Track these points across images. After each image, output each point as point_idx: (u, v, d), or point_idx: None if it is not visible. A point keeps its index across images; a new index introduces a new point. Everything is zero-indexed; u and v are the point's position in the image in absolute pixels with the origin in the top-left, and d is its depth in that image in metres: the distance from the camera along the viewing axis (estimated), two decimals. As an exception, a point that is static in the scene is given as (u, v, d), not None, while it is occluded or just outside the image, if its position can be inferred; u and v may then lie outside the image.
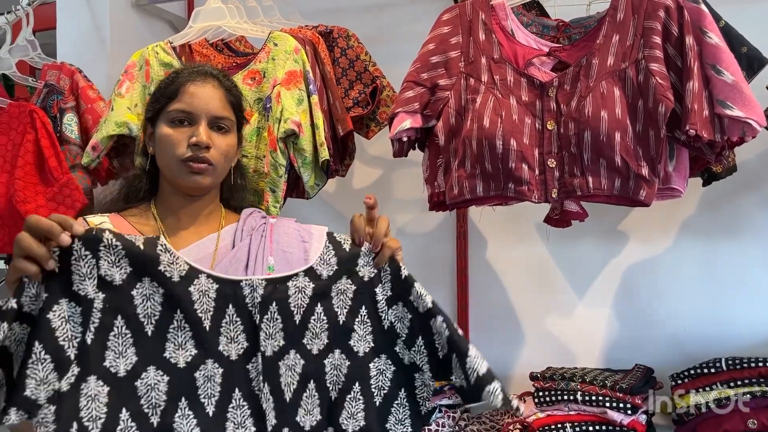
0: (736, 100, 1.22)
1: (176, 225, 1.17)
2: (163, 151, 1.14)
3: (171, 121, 1.14)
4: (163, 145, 1.14)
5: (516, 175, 1.33)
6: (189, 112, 1.14)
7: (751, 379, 1.47)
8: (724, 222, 1.72)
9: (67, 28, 2.09)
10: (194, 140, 1.12)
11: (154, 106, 1.17)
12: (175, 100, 1.14)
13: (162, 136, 1.14)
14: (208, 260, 1.13)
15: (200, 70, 1.18)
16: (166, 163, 1.15)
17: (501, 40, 1.40)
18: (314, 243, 1.18)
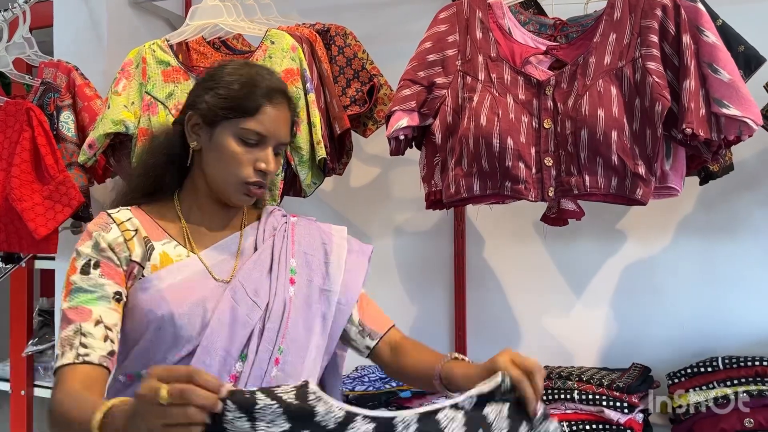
0: (732, 99, 1.22)
1: (199, 223, 1.13)
2: (224, 164, 1.07)
3: (241, 139, 1.06)
4: (227, 159, 1.07)
5: (513, 174, 1.33)
6: (263, 136, 1.07)
7: (747, 378, 1.47)
8: (722, 221, 1.72)
9: (64, 25, 2.09)
10: (263, 167, 1.08)
11: (223, 113, 1.06)
12: (251, 117, 1.06)
13: (227, 149, 1.06)
14: (231, 261, 1.11)
15: (279, 88, 1.10)
16: (222, 177, 1.08)
17: (498, 39, 1.40)
18: (334, 247, 1.18)
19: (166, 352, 1.04)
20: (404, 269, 2.03)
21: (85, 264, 1.05)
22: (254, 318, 1.06)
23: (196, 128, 1.10)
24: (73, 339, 0.99)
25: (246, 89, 1.07)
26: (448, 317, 1.96)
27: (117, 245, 1.07)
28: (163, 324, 1.03)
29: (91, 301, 1.02)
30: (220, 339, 1.04)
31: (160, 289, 1.05)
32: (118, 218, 1.09)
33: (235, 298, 1.06)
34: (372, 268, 2.10)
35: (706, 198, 1.72)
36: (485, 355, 2.01)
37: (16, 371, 2.24)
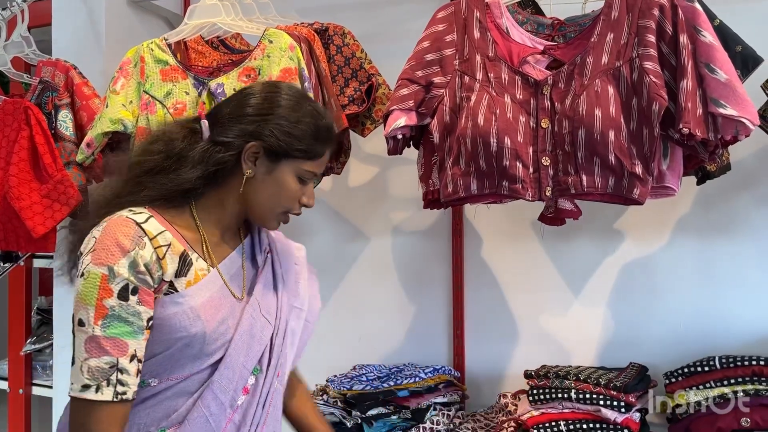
0: (729, 99, 1.22)
1: (212, 233, 1.12)
2: (277, 197, 1.11)
3: (299, 177, 1.11)
4: (280, 192, 1.10)
5: (510, 173, 1.33)
6: (316, 175, 1.15)
7: (744, 377, 1.48)
8: (719, 220, 1.73)
9: (63, 24, 2.09)
10: (306, 201, 1.13)
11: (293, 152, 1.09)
12: (313, 161, 1.12)
13: (286, 185, 1.10)
14: (239, 276, 1.14)
15: (333, 136, 1.16)
16: (270, 207, 1.11)
17: (496, 38, 1.40)
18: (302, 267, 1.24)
19: (185, 366, 1.05)
20: (402, 268, 2.04)
21: (123, 288, 0.98)
22: (267, 335, 1.12)
23: (253, 156, 1.09)
24: (109, 373, 0.97)
25: (316, 134, 1.11)
26: (446, 316, 1.97)
27: (152, 264, 1.01)
28: (194, 341, 1.04)
29: (128, 334, 0.99)
30: (240, 355, 1.08)
31: (193, 307, 1.03)
32: (149, 231, 1.03)
33: (254, 316, 1.11)
34: (370, 267, 2.11)
35: (704, 197, 1.73)
36: (483, 354, 2.02)
37: (14, 370, 2.24)
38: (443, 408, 1.74)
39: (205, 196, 1.11)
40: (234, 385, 1.07)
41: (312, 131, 1.10)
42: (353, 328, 2.06)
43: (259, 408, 1.10)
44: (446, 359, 1.96)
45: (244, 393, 1.09)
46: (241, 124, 1.09)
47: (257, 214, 1.12)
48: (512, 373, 1.88)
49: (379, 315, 2.03)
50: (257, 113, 1.10)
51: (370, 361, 1.99)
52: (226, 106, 1.13)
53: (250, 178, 1.09)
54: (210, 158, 1.08)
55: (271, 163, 1.09)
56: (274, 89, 1.13)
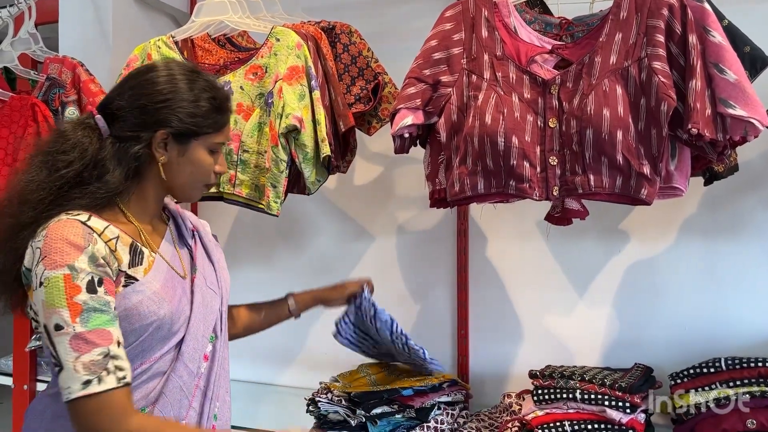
0: (738, 99, 1.21)
1: (145, 222, 1.17)
2: (194, 174, 1.17)
3: (210, 150, 1.17)
4: (197, 169, 1.16)
5: (517, 173, 1.33)
6: (224, 144, 1.21)
7: (750, 379, 1.47)
8: (726, 222, 1.72)
9: (70, 21, 2.09)
10: (219, 170, 1.20)
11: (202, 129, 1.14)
12: (219, 132, 1.17)
13: (200, 161, 1.16)
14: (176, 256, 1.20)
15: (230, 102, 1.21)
16: (190, 184, 1.18)
17: (504, 37, 1.40)
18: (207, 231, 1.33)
19: (159, 346, 1.12)
20: (407, 267, 2.03)
21: (90, 282, 1.01)
22: (216, 304, 1.23)
23: (163, 143, 1.13)
24: (105, 363, 0.99)
25: (219, 106, 1.16)
26: (451, 316, 1.96)
27: (108, 256, 1.05)
28: (163, 323, 1.10)
29: (108, 322, 1.02)
30: (200, 327, 1.17)
31: (155, 291, 1.09)
32: (96, 228, 1.05)
33: (203, 291, 1.20)
34: (375, 266, 2.11)
35: (710, 198, 1.72)
36: (488, 354, 2.02)
37: (18, 366, 2.24)
38: (447, 407, 1.73)
39: (127, 191, 1.14)
40: (198, 353, 1.16)
41: (213, 106, 1.15)
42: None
43: (217, 372, 1.20)
44: (450, 358, 1.95)
45: (205, 360, 1.18)
46: (143, 116, 1.11)
47: (179, 193, 1.19)
48: (516, 373, 1.88)
49: (383, 314, 2.03)
50: (156, 101, 1.11)
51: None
52: (119, 99, 1.12)
53: (164, 164, 1.14)
54: (125, 156, 1.10)
55: (181, 145, 1.14)
56: (161, 72, 1.13)
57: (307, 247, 2.14)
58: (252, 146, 1.58)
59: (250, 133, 1.59)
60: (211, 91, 1.15)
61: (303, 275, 2.13)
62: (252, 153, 1.58)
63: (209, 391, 1.18)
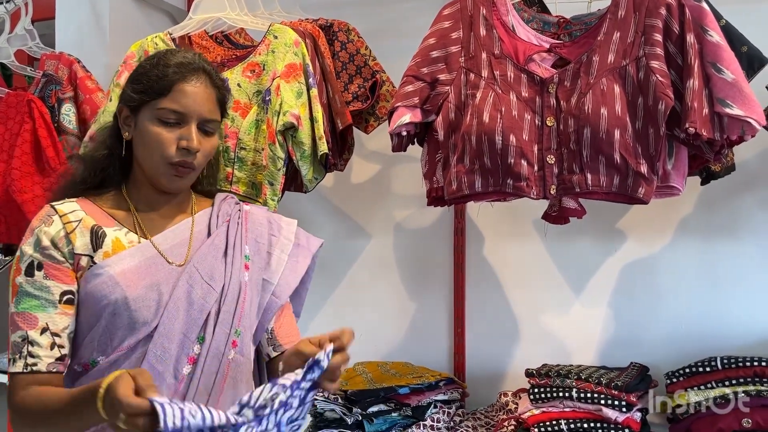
0: (736, 99, 1.22)
1: (149, 210, 1.14)
2: (149, 148, 1.08)
3: (160, 120, 1.07)
4: (149, 142, 1.08)
5: (515, 171, 1.33)
6: (181, 114, 1.08)
7: (746, 378, 1.48)
8: (722, 221, 1.73)
9: (67, 18, 2.08)
10: (185, 144, 1.07)
11: (140, 97, 1.08)
12: (165, 97, 1.07)
13: (149, 133, 1.07)
14: (185, 245, 1.12)
15: (193, 66, 1.10)
16: (150, 161, 1.09)
17: (502, 36, 1.40)
18: (282, 239, 1.20)
19: (123, 337, 1.04)
20: (404, 266, 2.03)
21: (29, 266, 1.04)
22: (210, 301, 1.08)
23: (127, 120, 1.11)
24: (21, 347, 1.02)
25: (159, 71, 1.08)
26: (448, 314, 1.96)
27: (59, 239, 1.05)
28: (117, 308, 1.04)
29: (36, 307, 1.03)
30: (177, 322, 1.05)
31: (112, 275, 1.04)
32: (61, 210, 1.08)
33: (191, 282, 1.08)
34: (372, 265, 2.10)
35: (707, 198, 1.72)
36: (484, 352, 2.02)
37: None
38: (444, 406, 1.74)
39: (129, 177, 1.15)
40: (174, 354, 1.04)
41: (153, 68, 1.09)
42: (354, 325, 2.00)
43: (208, 377, 1.06)
44: (447, 357, 1.96)
45: (190, 362, 1.06)
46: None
47: (149, 174, 1.11)
48: (513, 372, 1.88)
49: (380, 312, 2.03)
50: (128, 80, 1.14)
51: (371, 357, 1.99)
52: None
53: (129, 141, 1.11)
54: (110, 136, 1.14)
55: (135, 116, 1.10)
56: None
57: (304, 245, 2.14)
58: (249, 144, 1.58)
59: (247, 131, 1.58)
60: (160, 56, 1.10)
61: (300, 273, 2.12)
62: (249, 150, 1.58)
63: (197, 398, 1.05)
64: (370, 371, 1.85)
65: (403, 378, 1.76)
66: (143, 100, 1.08)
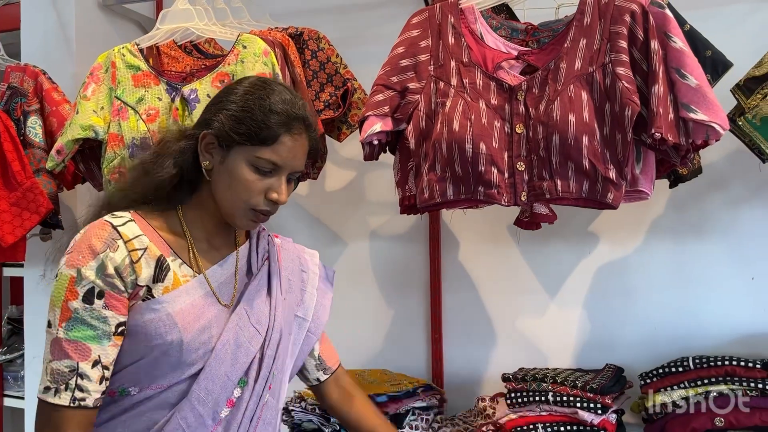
0: (700, 104, 1.23)
1: (201, 238, 1.10)
2: (236, 189, 1.04)
3: (255, 167, 1.03)
4: (238, 184, 1.03)
5: (485, 179, 1.33)
6: (278, 166, 1.04)
7: (717, 377, 1.50)
8: (692, 222, 1.75)
9: (32, 28, 2.05)
10: (275, 197, 1.05)
11: (240, 138, 1.03)
12: (267, 147, 1.03)
13: (241, 175, 1.03)
14: (231, 283, 1.10)
15: (300, 117, 1.06)
16: (231, 200, 1.05)
17: (470, 44, 1.41)
18: (310, 275, 1.22)
19: (165, 375, 1.02)
20: (380, 273, 2.03)
21: (89, 292, 0.97)
22: (256, 345, 1.08)
23: (209, 147, 1.06)
24: (68, 377, 0.96)
25: (265, 116, 1.03)
26: (424, 320, 1.97)
27: (124, 268, 0.99)
28: (170, 349, 1.01)
29: (91, 338, 0.97)
30: (223, 365, 1.04)
31: (170, 314, 1.01)
32: (125, 234, 1.01)
33: (240, 325, 1.07)
34: (348, 272, 2.09)
35: (677, 200, 1.75)
36: (462, 358, 2.02)
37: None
38: (422, 412, 1.73)
39: (191, 201, 1.10)
40: (215, 396, 1.03)
41: (262, 114, 1.03)
42: (331, 333, 2.04)
43: (245, 421, 1.06)
44: (425, 363, 1.96)
45: (229, 405, 1.05)
46: (202, 115, 1.09)
47: (224, 210, 1.07)
48: (490, 377, 1.89)
49: (357, 320, 2.03)
50: (213, 102, 1.09)
51: (349, 366, 1.98)
52: None
53: (209, 170, 1.06)
54: (180, 153, 1.07)
55: (223, 151, 1.05)
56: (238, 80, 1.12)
57: (280, 254, 2.12)
58: (220, 155, 1.56)
59: (217, 142, 1.57)
60: (266, 100, 1.04)
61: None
62: (220, 161, 1.57)
63: None
64: (348, 380, 1.84)
65: (381, 386, 1.76)
66: (241, 141, 1.03)
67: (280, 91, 1.07)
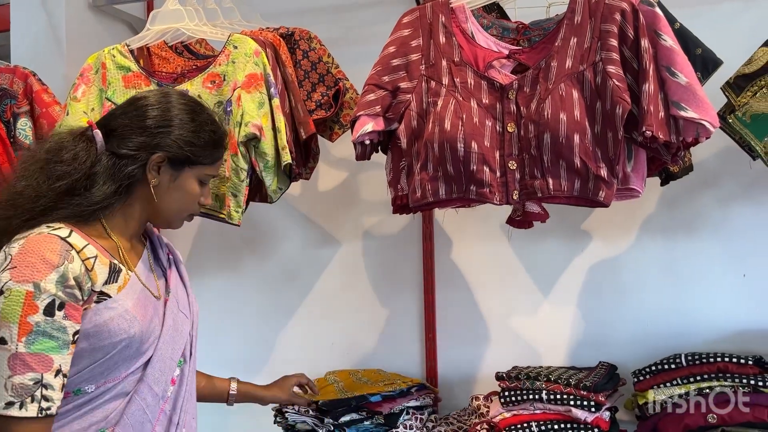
0: (690, 102, 1.24)
1: (124, 240, 1.16)
2: (182, 201, 1.18)
3: (200, 182, 1.19)
4: (185, 196, 1.18)
5: (477, 178, 1.33)
6: (214, 177, 1.25)
7: (710, 374, 1.51)
8: (683, 220, 1.76)
9: (22, 29, 2.04)
10: (204, 201, 1.22)
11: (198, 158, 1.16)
12: (212, 166, 1.21)
13: (190, 189, 1.18)
14: (152, 277, 1.19)
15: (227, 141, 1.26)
16: (175, 209, 1.18)
17: (461, 43, 1.41)
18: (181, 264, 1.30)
19: (125, 366, 1.09)
20: (373, 272, 2.03)
21: (50, 305, 0.99)
22: (187, 329, 1.21)
23: (157, 166, 1.14)
24: (33, 390, 0.98)
25: (216, 139, 1.19)
26: (418, 320, 1.97)
27: (82, 278, 1.03)
28: (132, 342, 1.08)
29: (53, 349, 1.00)
30: (168, 349, 1.15)
31: (128, 309, 1.08)
32: (75, 245, 1.04)
33: (174, 312, 1.19)
34: (341, 272, 2.10)
35: (668, 198, 1.75)
36: (456, 356, 2.02)
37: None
38: (416, 412, 1.73)
39: (113, 207, 1.14)
40: (165, 377, 1.14)
41: (212, 139, 1.18)
42: (325, 333, 2.05)
43: (186, 395, 1.19)
44: (419, 362, 1.96)
45: (173, 384, 1.16)
46: (142, 136, 1.13)
47: (163, 218, 1.20)
48: (484, 375, 1.89)
49: (351, 319, 2.03)
50: (158, 125, 1.14)
51: (343, 366, 1.98)
52: (122, 117, 1.15)
53: (155, 186, 1.14)
54: (118, 173, 1.11)
55: (174, 170, 1.16)
56: (169, 99, 1.17)
57: (273, 254, 2.12)
58: (211, 155, 1.56)
59: (209, 142, 1.56)
60: (212, 125, 1.19)
61: (269, 282, 2.11)
62: (212, 162, 1.56)
63: (175, 416, 1.15)
64: (342, 380, 1.84)
65: (375, 386, 1.76)
66: (194, 162, 1.17)
67: (210, 112, 1.21)
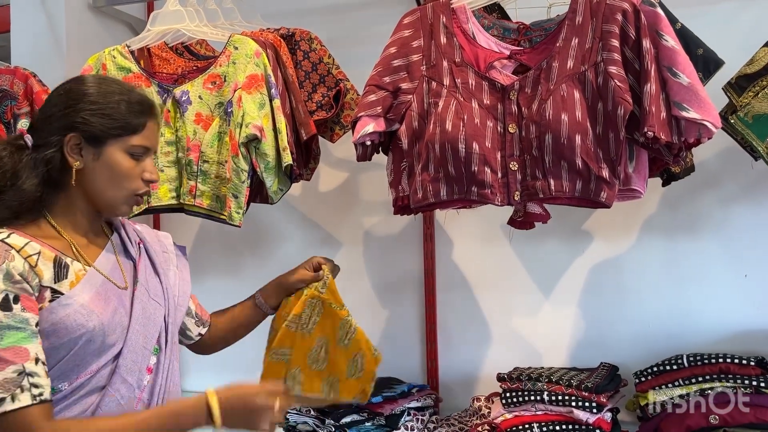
0: (692, 102, 1.23)
1: (77, 237, 1.15)
2: (116, 181, 1.13)
3: (131, 155, 1.13)
4: (117, 175, 1.13)
5: (479, 179, 1.33)
6: (148, 149, 1.16)
7: (712, 375, 1.50)
8: (685, 220, 1.75)
9: (22, 30, 2.04)
10: (149, 177, 1.16)
11: (114, 131, 1.11)
12: (138, 134, 1.13)
13: (119, 166, 1.12)
14: (118, 268, 1.17)
15: (152, 103, 1.18)
16: (113, 192, 1.13)
17: (462, 44, 1.40)
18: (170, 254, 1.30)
19: (92, 361, 1.09)
20: (374, 273, 2.03)
21: (4, 299, 1.01)
22: (160, 316, 1.20)
23: (76, 149, 1.11)
24: (20, 380, 0.99)
25: (129, 107, 1.13)
26: (419, 320, 1.96)
27: (27, 273, 1.03)
28: (94, 336, 1.07)
29: (24, 339, 1.00)
30: (139, 339, 1.14)
31: (83, 304, 1.07)
32: (14, 244, 1.05)
33: (143, 300, 1.17)
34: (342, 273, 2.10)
35: (670, 198, 1.75)
36: (457, 358, 2.02)
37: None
38: (417, 413, 1.73)
39: (54, 203, 1.13)
40: (138, 366, 1.13)
41: (124, 106, 1.12)
42: (326, 334, 2.04)
43: (163, 384, 1.18)
44: (419, 363, 1.95)
45: (149, 372, 1.16)
46: (52, 122, 1.11)
47: (103, 203, 1.15)
48: (485, 376, 1.88)
49: (352, 321, 2.02)
50: (65, 105, 1.12)
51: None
52: (39, 113, 1.15)
53: (80, 170, 1.11)
54: (38, 163, 1.10)
55: (95, 148, 1.11)
56: (75, 80, 1.16)
57: (274, 254, 2.12)
58: (212, 156, 1.56)
59: (210, 143, 1.56)
60: (122, 93, 1.14)
61: (270, 284, 2.10)
62: (212, 163, 1.56)
63: (153, 404, 1.15)
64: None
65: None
66: (112, 134, 1.11)
67: (121, 83, 1.18)
